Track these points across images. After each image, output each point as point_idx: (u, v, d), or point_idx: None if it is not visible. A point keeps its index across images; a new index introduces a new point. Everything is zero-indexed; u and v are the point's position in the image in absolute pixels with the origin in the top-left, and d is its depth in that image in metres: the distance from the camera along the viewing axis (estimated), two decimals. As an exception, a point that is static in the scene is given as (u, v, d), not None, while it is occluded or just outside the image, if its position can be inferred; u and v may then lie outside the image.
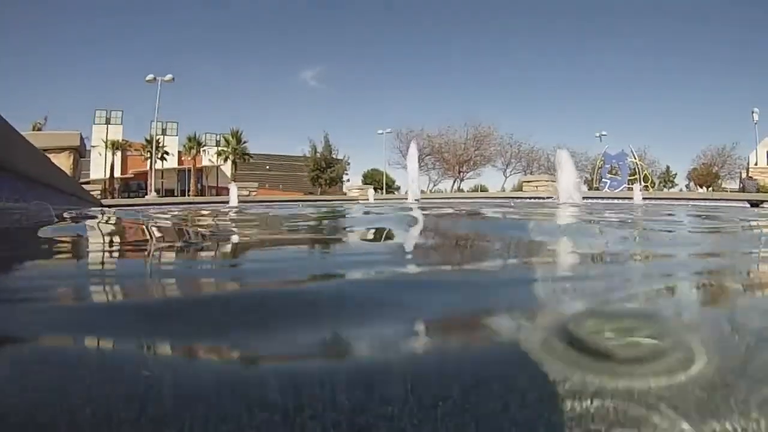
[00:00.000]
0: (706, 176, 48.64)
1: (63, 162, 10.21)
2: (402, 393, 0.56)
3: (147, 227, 3.27)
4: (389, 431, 0.50)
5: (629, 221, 4.05)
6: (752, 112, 39.17)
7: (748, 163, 41.90)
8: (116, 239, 2.82)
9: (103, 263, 1.82)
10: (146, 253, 2.09)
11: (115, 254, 2.18)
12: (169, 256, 2.02)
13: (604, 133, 45.48)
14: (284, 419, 0.51)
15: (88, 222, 3.68)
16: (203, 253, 2.17)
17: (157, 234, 2.97)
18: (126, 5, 71.65)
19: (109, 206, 12.20)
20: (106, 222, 3.77)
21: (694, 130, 74.38)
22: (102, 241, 2.62)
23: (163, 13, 70.70)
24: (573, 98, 74.89)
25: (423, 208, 6.33)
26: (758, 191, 28.48)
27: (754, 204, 14.53)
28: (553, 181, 18.76)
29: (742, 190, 34.01)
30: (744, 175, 40.70)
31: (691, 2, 64.78)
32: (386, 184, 50.35)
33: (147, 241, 2.61)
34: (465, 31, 74.31)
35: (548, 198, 16.29)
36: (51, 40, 65.09)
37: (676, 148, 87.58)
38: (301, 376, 0.61)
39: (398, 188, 50.58)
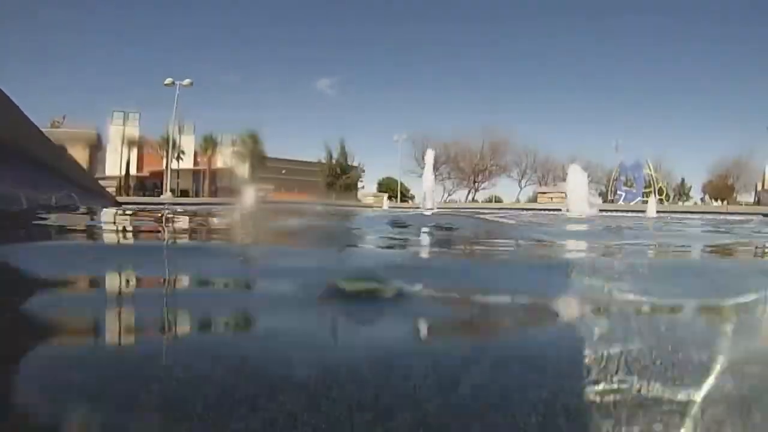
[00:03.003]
0: (721, 189, 48.06)
1: (80, 157, 10.39)
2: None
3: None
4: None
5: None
6: (767, 127, 38.71)
7: (764, 175, 41.32)
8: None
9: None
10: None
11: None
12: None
13: (620, 141, 45.01)
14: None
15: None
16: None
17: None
18: (147, 8, 72.42)
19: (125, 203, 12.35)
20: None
21: (709, 141, 73.97)
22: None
23: (185, 16, 71.45)
24: (590, 108, 74.50)
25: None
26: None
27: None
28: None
29: (758, 203, 33.69)
30: (759, 188, 40.25)
31: (708, 15, 64.36)
32: (401, 192, 50.30)
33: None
34: (482, 40, 74.28)
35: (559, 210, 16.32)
36: (72, 40, 66.05)
37: (692, 160, 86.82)
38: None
39: (413, 197, 50.34)
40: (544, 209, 21.03)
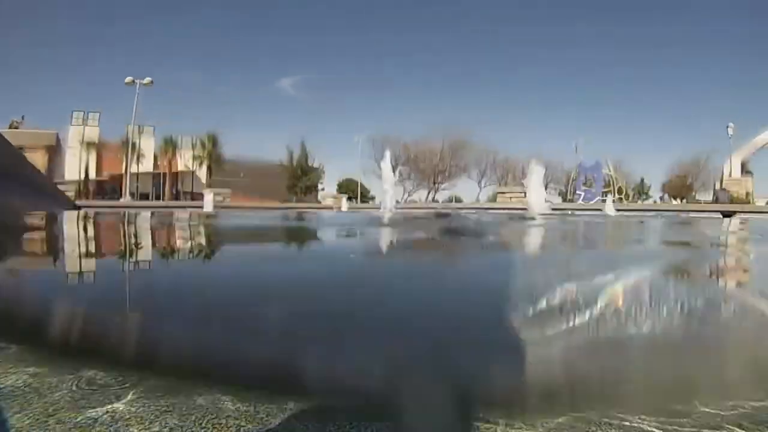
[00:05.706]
0: (680, 188, 49.38)
1: (38, 160, 10.03)
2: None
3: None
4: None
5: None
6: (727, 127, 39.88)
7: (722, 174, 42.46)
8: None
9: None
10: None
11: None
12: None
13: (580, 141, 45.63)
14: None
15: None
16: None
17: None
18: (107, 8, 70.71)
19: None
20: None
21: (669, 141, 75.99)
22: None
23: (144, 17, 69.91)
24: (550, 108, 75.54)
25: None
26: (731, 202, 29.17)
27: (727, 215, 14.88)
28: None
29: (716, 201, 34.74)
30: (718, 186, 41.49)
31: (666, 15, 66.17)
32: (361, 193, 50.21)
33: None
34: (443, 42, 74.73)
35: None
36: (31, 40, 64.01)
37: (651, 161, 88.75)
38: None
39: (373, 198, 50.11)
40: (505, 208, 21.25)
